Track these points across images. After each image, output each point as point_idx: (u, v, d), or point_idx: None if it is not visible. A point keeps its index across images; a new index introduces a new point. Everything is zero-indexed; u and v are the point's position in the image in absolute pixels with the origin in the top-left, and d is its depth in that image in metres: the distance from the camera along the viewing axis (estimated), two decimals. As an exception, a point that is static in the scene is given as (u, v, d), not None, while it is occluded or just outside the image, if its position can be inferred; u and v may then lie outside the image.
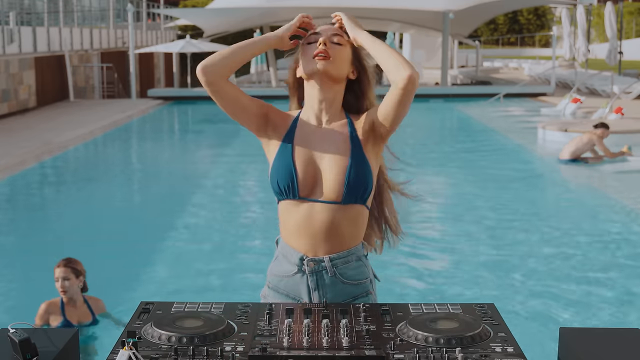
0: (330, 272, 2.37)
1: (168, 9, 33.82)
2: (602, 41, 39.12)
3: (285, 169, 2.36)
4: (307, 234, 2.37)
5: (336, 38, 2.41)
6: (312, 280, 2.39)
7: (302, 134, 2.41)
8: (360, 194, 2.36)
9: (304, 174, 2.36)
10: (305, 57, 2.41)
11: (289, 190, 2.36)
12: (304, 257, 2.38)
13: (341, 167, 2.35)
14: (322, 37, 2.41)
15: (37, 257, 7.36)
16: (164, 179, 11.78)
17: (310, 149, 2.39)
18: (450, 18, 24.08)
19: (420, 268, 6.80)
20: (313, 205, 2.36)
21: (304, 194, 2.36)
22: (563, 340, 1.94)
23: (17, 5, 20.62)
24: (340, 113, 2.46)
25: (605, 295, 6.02)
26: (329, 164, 2.36)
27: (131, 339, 1.76)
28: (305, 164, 2.36)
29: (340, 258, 2.39)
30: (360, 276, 2.43)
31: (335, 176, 2.34)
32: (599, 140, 11.28)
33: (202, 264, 6.99)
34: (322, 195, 2.35)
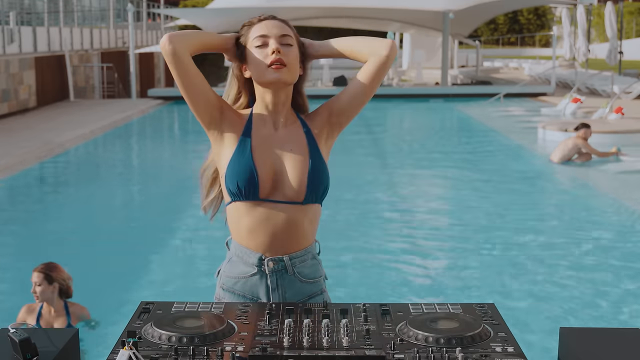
0: (290, 271, 2.38)
1: (168, 9, 33.83)
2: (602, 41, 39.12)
3: (245, 170, 2.32)
4: (265, 234, 2.35)
5: (285, 39, 2.34)
6: (272, 280, 2.37)
7: (259, 134, 2.38)
8: (320, 193, 2.38)
9: (264, 174, 2.33)
10: (256, 64, 2.33)
11: (249, 191, 2.32)
12: (263, 257, 2.36)
13: (302, 168, 2.34)
14: (272, 40, 2.33)
15: (37, 257, 7.35)
16: (164, 179, 11.78)
17: (269, 150, 2.36)
18: (450, 18, 24.08)
19: (420, 268, 6.80)
20: (273, 205, 2.34)
21: (264, 195, 2.33)
22: (563, 340, 1.94)
23: (17, 5, 20.62)
24: (291, 112, 2.44)
25: (606, 295, 6.02)
26: (290, 165, 2.35)
27: (131, 339, 1.76)
28: (265, 164, 2.34)
29: (298, 257, 2.39)
30: (316, 274, 2.44)
31: (296, 177, 2.33)
32: (583, 143, 11.29)
33: (202, 263, 6.99)
34: (283, 196, 2.34)
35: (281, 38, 2.33)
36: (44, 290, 4.85)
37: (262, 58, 2.32)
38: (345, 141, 15.00)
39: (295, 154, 2.36)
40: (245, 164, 2.32)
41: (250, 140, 2.35)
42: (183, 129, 19.04)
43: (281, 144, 2.38)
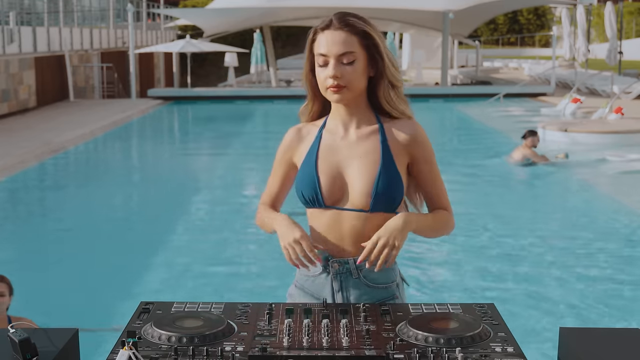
0: (355, 274, 2.33)
1: (168, 9, 33.82)
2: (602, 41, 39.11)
3: (308, 180, 2.33)
4: (333, 238, 2.34)
5: (346, 57, 2.24)
6: (336, 281, 2.35)
7: (328, 142, 2.36)
8: (389, 203, 2.30)
9: (329, 183, 2.32)
10: (319, 82, 2.31)
11: (314, 200, 2.33)
12: (329, 258, 2.34)
13: (370, 177, 2.29)
14: (331, 61, 2.25)
15: (36, 257, 7.36)
16: (164, 179, 11.78)
17: (337, 157, 2.34)
18: (450, 18, 24.08)
19: (420, 268, 6.80)
20: (340, 212, 2.32)
21: (330, 203, 2.33)
22: (563, 340, 1.94)
23: (17, 5, 20.62)
24: (369, 114, 2.38)
25: (606, 295, 6.02)
26: (357, 173, 2.31)
27: (131, 339, 1.76)
28: (330, 173, 2.32)
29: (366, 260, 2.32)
30: (386, 279, 2.36)
31: (362, 186, 2.29)
32: (530, 152, 11.26)
33: (202, 263, 6.99)
34: (350, 203, 2.31)
35: (341, 57, 2.24)
36: (5, 301, 4.27)
37: (322, 78, 2.28)
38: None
39: (365, 162, 2.31)
40: (308, 173, 2.34)
41: (317, 150, 2.36)
42: (183, 129, 19.04)
43: (351, 149, 2.34)
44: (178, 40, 27.73)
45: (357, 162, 2.32)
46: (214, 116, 20.43)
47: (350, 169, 2.32)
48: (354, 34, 2.25)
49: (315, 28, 2.30)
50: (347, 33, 2.24)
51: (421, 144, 2.38)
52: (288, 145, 2.44)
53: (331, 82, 2.25)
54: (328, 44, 2.24)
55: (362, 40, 2.26)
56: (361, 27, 2.25)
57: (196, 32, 30.62)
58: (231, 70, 26.68)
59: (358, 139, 2.35)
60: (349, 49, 2.24)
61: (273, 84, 26.73)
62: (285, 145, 2.44)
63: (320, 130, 2.39)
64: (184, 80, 28.43)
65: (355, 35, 2.25)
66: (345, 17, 2.27)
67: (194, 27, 32.56)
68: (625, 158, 11.61)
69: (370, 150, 2.32)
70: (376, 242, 2.19)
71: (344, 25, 2.24)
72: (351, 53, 2.24)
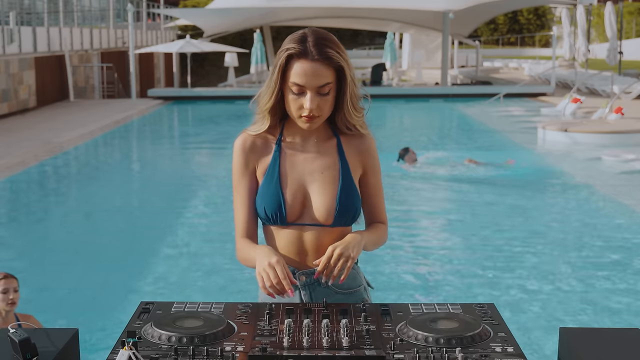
0: (323, 283, 2.32)
1: (168, 9, 33.82)
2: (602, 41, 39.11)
3: (272, 197, 2.30)
4: (294, 253, 2.34)
5: (323, 88, 2.22)
6: (305, 293, 2.33)
7: (288, 156, 2.34)
8: (349, 217, 2.33)
9: (292, 200, 2.30)
10: (289, 106, 2.26)
11: (277, 217, 2.31)
12: (295, 271, 2.33)
13: (331, 193, 2.30)
14: (309, 94, 2.21)
15: (36, 257, 7.36)
16: (163, 179, 11.78)
17: (298, 172, 2.32)
18: (450, 18, 24.08)
19: (420, 268, 6.80)
20: (301, 228, 2.32)
21: (292, 220, 2.32)
22: (563, 340, 1.94)
23: (17, 5, 20.62)
24: (327, 127, 2.37)
25: (606, 295, 6.02)
26: (319, 189, 2.31)
27: (131, 339, 1.76)
28: (293, 190, 2.31)
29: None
30: (353, 284, 2.37)
31: (325, 202, 2.30)
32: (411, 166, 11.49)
33: (202, 263, 6.99)
34: (311, 219, 2.31)
35: (320, 89, 2.22)
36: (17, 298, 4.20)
37: (296, 107, 2.24)
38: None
39: (326, 178, 2.32)
40: (272, 190, 2.31)
41: (279, 165, 2.33)
42: (183, 129, 19.04)
43: (312, 166, 2.33)
44: (178, 40, 27.73)
45: (318, 177, 2.32)
46: (214, 116, 20.43)
47: (312, 185, 2.32)
48: (331, 65, 2.22)
49: (289, 53, 2.21)
50: (325, 66, 2.21)
51: (372, 156, 2.41)
52: (246, 159, 2.35)
53: (306, 113, 2.23)
54: (307, 76, 2.20)
55: (336, 71, 2.24)
56: (337, 61, 2.22)
57: (196, 32, 30.62)
58: (231, 70, 26.68)
59: (318, 153, 2.35)
60: (327, 80, 2.22)
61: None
62: (244, 160, 2.35)
63: (279, 142, 2.35)
64: (184, 80, 28.44)
65: (332, 67, 2.22)
66: (324, 47, 2.21)
67: (194, 27, 32.56)
68: (625, 158, 11.61)
69: (330, 165, 2.34)
70: (332, 254, 2.20)
71: (324, 57, 2.20)
72: (328, 84, 2.23)
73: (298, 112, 2.25)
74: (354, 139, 2.38)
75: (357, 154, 2.37)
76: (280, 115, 2.34)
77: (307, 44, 2.21)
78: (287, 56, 2.22)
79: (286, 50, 2.22)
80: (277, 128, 2.37)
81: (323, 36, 2.24)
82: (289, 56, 2.22)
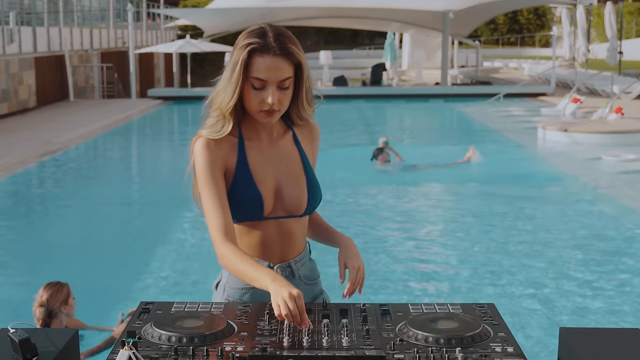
0: (296, 275, 2.40)
1: (168, 9, 33.83)
2: (602, 41, 39.11)
3: (250, 195, 2.31)
4: (269, 247, 2.36)
5: (284, 83, 2.25)
6: None
7: (254, 152, 2.35)
8: (316, 204, 2.42)
9: (267, 195, 2.33)
10: (249, 101, 2.26)
11: (255, 214, 2.33)
12: (271, 266, 2.36)
13: (300, 184, 2.36)
14: (270, 88, 2.23)
15: (36, 257, 7.36)
16: (163, 179, 11.78)
17: (267, 167, 2.35)
18: (450, 18, 24.08)
19: (420, 268, 6.80)
20: (275, 221, 2.35)
21: (267, 214, 2.34)
22: (563, 340, 1.94)
23: (17, 5, 20.62)
24: (281, 123, 2.42)
25: (606, 295, 6.02)
26: (289, 182, 2.35)
27: (131, 339, 1.76)
28: (266, 184, 2.33)
29: (300, 260, 2.41)
30: (314, 275, 2.48)
31: (297, 193, 2.35)
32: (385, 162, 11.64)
33: (202, 263, 6.99)
34: (284, 211, 2.35)
35: (281, 83, 2.24)
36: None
37: (257, 101, 2.25)
38: (345, 141, 14.99)
39: (292, 169, 2.37)
40: (249, 189, 2.31)
41: (247, 163, 2.33)
42: (183, 129, 19.04)
43: (277, 160, 2.37)
44: (178, 40, 27.73)
45: (285, 169, 2.37)
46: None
47: (282, 178, 2.36)
48: (291, 60, 2.25)
49: (251, 47, 2.21)
50: (286, 60, 2.23)
51: (317, 141, 2.51)
52: (215, 158, 2.29)
53: (267, 107, 2.25)
54: (269, 70, 2.22)
55: (295, 66, 2.27)
56: (297, 56, 2.25)
57: (196, 32, 30.63)
58: (231, 70, 26.64)
59: (280, 147, 2.39)
60: (288, 75, 2.25)
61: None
62: (212, 159, 2.29)
63: (241, 139, 2.35)
64: (184, 80, 28.45)
65: (292, 62, 2.25)
66: (284, 42, 2.23)
67: (194, 27, 32.56)
68: (625, 158, 11.61)
69: (293, 157, 2.40)
70: (354, 272, 2.31)
71: (285, 53, 2.22)
72: (288, 79, 2.25)
73: (259, 107, 2.26)
74: (305, 129, 2.46)
75: (309, 142, 2.46)
76: (237, 112, 2.32)
77: (267, 38, 2.23)
78: (249, 52, 2.22)
79: (247, 45, 2.22)
80: (235, 127, 2.35)
81: (282, 32, 2.26)
82: (250, 52, 2.22)
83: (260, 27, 2.26)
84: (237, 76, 2.23)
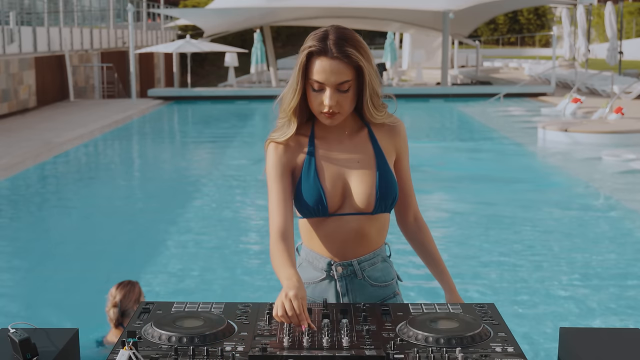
0: (359, 275, 2.38)
1: (168, 9, 33.82)
2: (602, 41, 39.11)
3: (313, 192, 2.33)
4: (335, 242, 2.37)
5: (343, 85, 2.27)
6: (341, 285, 2.39)
7: (323, 151, 2.38)
8: (389, 203, 2.38)
9: (332, 191, 2.34)
10: (311, 102, 2.31)
11: (319, 210, 2.35)
12: (331, 262, 2.38)
13: (370, 180, 2.35)
14: (328, 90, 2.26)
15: (36, 257, 7.36)
16: (163, 179, 11.78)
17: (336, 165, 2.36)
18: (450, 18, 24.09)
19: (420, 268, 6.79)
20: (342, 218, 2.36)
21: (333, 210, 2.35)
22: (563, 340, 1.94)
23: (17, 5, 20.62)
24: (356, 119, 2.42)
25: (606, 295, 6.02)
26: (357, 178, 2.35)
27: (131, 339, 1.76)
28: (332, 181, 2.35)
29: (367, 260, 2.40)
30: (387, 277, 2.45)
31: (364, 190, 2.34)
32: None
33: (202, 263, 6.99)
34: (352, 208, 2.35)
35: (339, 86, 2.26)
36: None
37: (317, 103, 2.29)
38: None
39: (363, 166, 2.37)
40: (312, 186, 2.34)
41: (315, 160, 2.36)
42: (183, 129, 19.04)
43: (347, 157, 2.37)
44: (178, 40, 27.73)
45: (355, 166, 2.37)
46: (214, 116, 20.43)
47: (350, 174, 2.36)
48: (350, 64, 2.25)
49: (309, 50, 2.26)
50: (344, 63, 2.25)
51: (404, 138, 2.49)
52: (281, 160, 2.37)
53: (327, 109, 2.28)
54: (326, 73, 2.25)
55: (355, 68, 2.28)
56: (356, 60, 2.25)
57: (196, 32, 30.62)
58: (231, 70, 26.69)
59: (351, 144, 2.39)
60: (346, 78, 2.26)
61: (273, 84, 26.73)
62: (279, 160, 2.37)
63: (312, 139, 2.39)
64: (184, 80, 28.45)
65: (351, 65, 2.26)
66: (343, 45, 2.24)
67: (194, 27, 32.56)
68: (625, 158, 11.61)
69: (366, 154, 2.38)
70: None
71: (343, 55, 2.24)
72: (347, 82, 2.27)
73: (319, 108, 2.30)
74: (384, 125, 2.44)
75: (389, 138, 2.43)
76: (307, 114, 2.38)
77: (327, 41, 2.25)
78: (308, 54, 2.26)
79: (307, 48, 2.27)
80: (307, 127, 2.40)
81: (344, 35, 2.27)
82: (309, 54, 2.26)
83: (324, 30, 2.29)
84: (297, 78, 2.29)
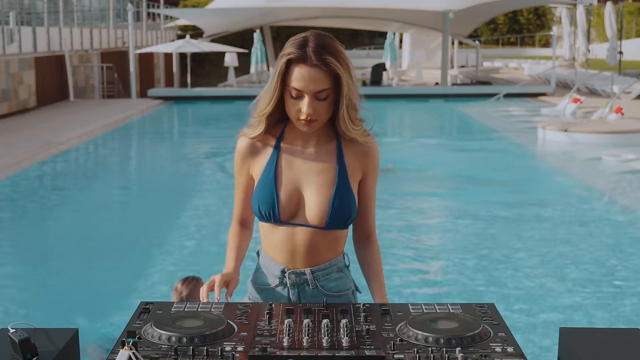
0: (312, 284, 2.36)
1: (168, 9, 33.82)
2: (602, 41, 39.11)
3: (266, 195, 2.33)
4: (286, 251, 2.36)
5: (321, 94, 2.24)
6: (293, 292, 2.37)
7: (286, 156, 2.36)
8: (342, 221, 2.35)
9: (287, 199, 2.32)
10: (288, 108, 2.28)
11: (270, 215, 2.34)
12: (285, 270, 2.37)
13: (325, 196, 2.32)
14: (307, 98, 2.23)
15: (36, 257, 7.37)
16: (163, 179, 11.78)
17: (295, 173, 2.34)
18: (450, 18, 24.08)
19: (420, 268, 6.80)
20: (294, 227, 2.34)
21: (285, 219, 2.34)
22: (563, 340, 1.94)
23: (17, 5, 20.62)
24: (329, 130, 2.38)
25: (606, 295, 6.02)
26: (313, 192, 2.33)
27: (131, 339, 1.76)
28: (288, 190, 2.33)
29: (321, 270, 2.38)
30: (342, 287, 2.41)
31: (318, 205, 2.32)
32: None
33: (202, 263, 6.99)
34: (304, 219, 2.34)
35: (317, 94, 2.24)
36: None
37: (295, 110, 2.26)
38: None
39: (321, 180, 2.34)
40: (267, 189, 2.33)
41: (275, 166, 2.35)
42: (183, 129, 19.04)
43: (308, 168, 2.35)
44: (178, 40, 27.73)
45: (314, 179, 2.34)
46: (214, 116, 20.44)
47: (307, 186, 2.34)
48: (329, 72, 2.23)
49: (288, 58, 2.23)
50: (323, 72, 2.22)
51: (372, 159, 2.42)
52: (244, 155, 2.39)
53: (304, 117, 2.25)
54: (305, 80, 2.22)
55: (333, 77, 2.25)
56: (335, 68, 2.22)
57: (196, 32, 30.62)
58: (231, 70, 26.68)
59: (316, 155, 2.36)
60: (324, 86, 2.23)
61: (273, 84, 26.69)
62: (242, 155, 2.40)
63: (278, 143, 2.37)
64: (184, 80, 28.44)
65: (329, 73, 2.23)
66: (322, 53, 2.21)
67: (194, 27, 32.55)
68: (625, 158, 11.61)
69: (328, 168, 2.35)
70: None
71: (322, 63, 2.21)
72: (325, 90, 2.24)
73: (296, 115, 2.27)
74: (356, 142, 2.38)
75: (358, 157, 2.38)
76: (280, 117, 2.36)
77: (307, 49, 2.22)
78: (287, 61, 2.24)
79: (286, 55, 2.24)
80: (278, 128, 2.38)
81: (324, 42, 2.24)
82: (288, 61, 2.24)
83: (303, 36, 2.26)
84: (275, 85, 2.27)
